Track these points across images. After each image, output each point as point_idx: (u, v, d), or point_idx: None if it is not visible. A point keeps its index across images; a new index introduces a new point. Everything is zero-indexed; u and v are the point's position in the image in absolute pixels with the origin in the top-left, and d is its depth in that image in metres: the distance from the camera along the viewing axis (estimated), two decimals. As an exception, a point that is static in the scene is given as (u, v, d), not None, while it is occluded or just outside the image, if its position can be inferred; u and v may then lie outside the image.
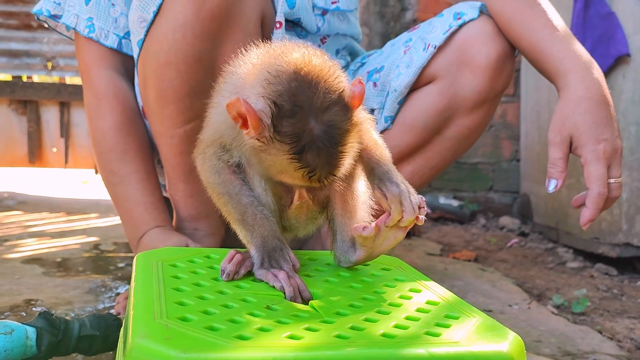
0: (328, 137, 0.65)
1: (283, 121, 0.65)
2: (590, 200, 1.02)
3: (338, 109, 0.66)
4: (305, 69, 0.67)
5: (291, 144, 0.65)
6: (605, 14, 1.87)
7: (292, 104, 0.65)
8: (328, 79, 0.67)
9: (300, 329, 0.59)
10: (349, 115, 0.67)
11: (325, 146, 0.65)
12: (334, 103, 0.66)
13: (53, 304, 1.24)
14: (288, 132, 0.65)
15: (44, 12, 1.22)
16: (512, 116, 2.77)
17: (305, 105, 0.65)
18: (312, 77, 0.66)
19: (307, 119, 0.65)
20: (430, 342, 0.58)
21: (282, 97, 0.65)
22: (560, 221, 2.22)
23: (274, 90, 0.66)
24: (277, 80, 0.66)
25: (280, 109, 0.65)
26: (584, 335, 1.30)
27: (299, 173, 0.67)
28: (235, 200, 0.77)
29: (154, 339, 0.52)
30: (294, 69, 0.67)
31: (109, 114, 1.19)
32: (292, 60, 0.68)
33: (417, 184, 1.32)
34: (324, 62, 0.69)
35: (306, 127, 0.65)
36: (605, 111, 1.05)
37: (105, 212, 2.40)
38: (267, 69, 0.68)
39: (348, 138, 0.67)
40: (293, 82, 0.66)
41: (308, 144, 0.65)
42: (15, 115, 2.92)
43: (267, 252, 0.75)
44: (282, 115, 0.65)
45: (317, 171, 0.67)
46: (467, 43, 1.19)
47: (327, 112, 0.65)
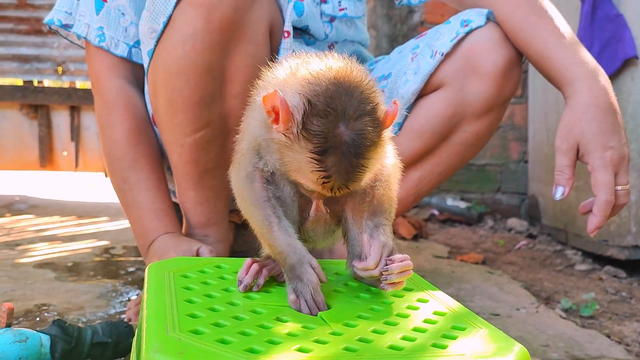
0: (354, 145, 0.66)
1: (314, 119, 0.66)
2: (598, 208, 1.03)
3: (370, 120, 0.67)
4: (346, 76, 0.68)
5: (316, 143, 0.66)
6: (613, 16, 1.86)
7: (326, 105, 0.66)
8: (365, 91, 0.68)
9: (310, 341, 0.60)
10: (378, 129, 0.68)
11: (348, 154, 0.66)
12: (367, 114, 0.67)
13: (65, 309, 1.26)
14: (316, 131, 0.66)
15: (56, 21, 1.24)
16: (520, 117, 2.77)
17: (338, 109, 0.66)
18: (350, 85, 0.67)
19: (338, 122, 0.66)
20: (436, 355, 0.59)
21: (318, 97, 0.66)
22: (569, 223, 2.22)
23: (312, 89, 0.67)
24: (316, 81, 0.68)
25: (313, 107, 0.66)
26: (592, 339, 1.30)
27: (314, 176, 0.68)
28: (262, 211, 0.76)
29: (167, 354, 0.54)
30: (335, 75, 0.68)
31: (119, 122, 1.20)
32: (335, 67, 0.69)
33: (425, 190, 1.33)
34: (364, 75, 0.70)
35: (335, 130, 0.66)
36: (612, 118, 1.05)
37: (116, 215, 2.42)
38: (309, 70, 0.70)
39: (373, 152, 0.68)
40: (331, 86, 0.67)
41: (332, 147, 0.66)
42: (26, 119, 2.95)
43: (289, 268, 0.73)
44: (314, 113, 0.66)
45: (332, 178, 0.67)
46: (474, 50, 1.19)
47: (358, 121, 0.66)
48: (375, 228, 0.76)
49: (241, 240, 1.42)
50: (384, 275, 0.73)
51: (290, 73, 0.72)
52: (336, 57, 0.73)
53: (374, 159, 0.69)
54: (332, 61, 0.71)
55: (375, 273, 0.73)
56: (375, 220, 0.77)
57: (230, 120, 1.12)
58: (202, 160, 1.14)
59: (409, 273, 0.74)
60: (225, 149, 1.14)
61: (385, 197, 0.78)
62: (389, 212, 0.79)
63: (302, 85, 0.68)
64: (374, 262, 0.73)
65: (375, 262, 0.73)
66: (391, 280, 0.73)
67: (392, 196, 0.80)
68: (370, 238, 0.75)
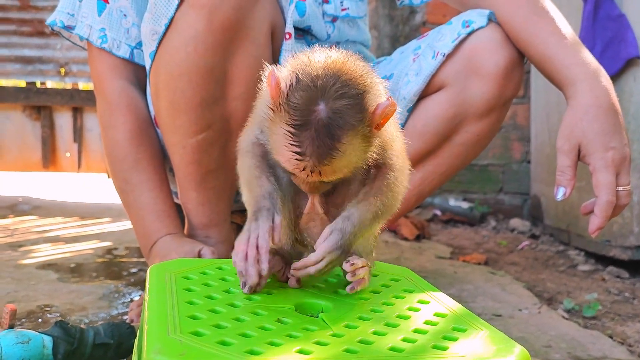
0: (329, 125, 0.66)
1: (296, 93, 0.67)
2: (599, 208, 1.03)
3: (351, 103, 0.67)
4: (339, 64, 0.69)
5: (293, 116, 0.67)
6: (615, 15, 1.86)
7: (310, 81, 0.67)
8: (354, 78, 0.68)
9: (310, 343, 0.60)
10: (360, 115, 0.67)
11: (323, 132, 0.66)
12: (350, 97, 0.67)
13: (68, 310, 1.27)
14: (295, 104, 0.67)
15: (58, 23, 1.24)
16: (522, 117, 2.77)
17: (320, 87, 0.66)
18: (340, 70, 0.68)
19: (318, 99, 0.66)
20: (437, 356, 0.59)
21: (305, 74, 0.68)
22: (572, 223, 2.21)
23: (302, 68, 0.69)
24: (310, 62, 0.69)
25: (298, 82, 0.67)
26: (595, 340, 1.30)
27: (288, 151, 0.68)
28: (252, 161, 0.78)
29: (169, 355, 0.54)
30: (328, 60, 0.69)
31: (121, 123, 1.21)
32: (333, 55, 0.71)
33: (427, 190, 1.33)
34: (361, 67, 0.70)
35: (314, 106, 0.66)
36: (614, 119, 1.05)
37: (118, 216, 2.42)
38: (309, 56, 0.71)
39: (350, 136, 0.67)
40: (321, 69, 0.68)
41: (309, 123, 0.66)
42: (29, 120, 2.96)
43: (254, 211, 0.74)
44: (298, 88, 0.67)
45: (306, 157, 0.67)
46: (475, 51, 1.19)
47: (338, 101, 0.66)
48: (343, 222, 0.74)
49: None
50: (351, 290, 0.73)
51: (295, 58, 0.74)
52: (345, 53, 0.73)
53: (350, 145, 0.67)
54: (337, 54, 0.72)
55: (312, 272, 0.72)
56: (352, 211, 0.75)
57: (232, 122, 1.12)
58: (204, 161, 1.15)
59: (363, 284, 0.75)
60: (227, 150, 1.14)
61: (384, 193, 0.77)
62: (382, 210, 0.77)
63: (298, 65, 0.70)
64: (313, 260, 0.72)
65: (316, 260, 0.72)
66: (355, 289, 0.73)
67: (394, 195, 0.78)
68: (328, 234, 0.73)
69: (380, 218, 0.78)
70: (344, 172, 0.70)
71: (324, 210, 0.79)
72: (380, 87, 0.72)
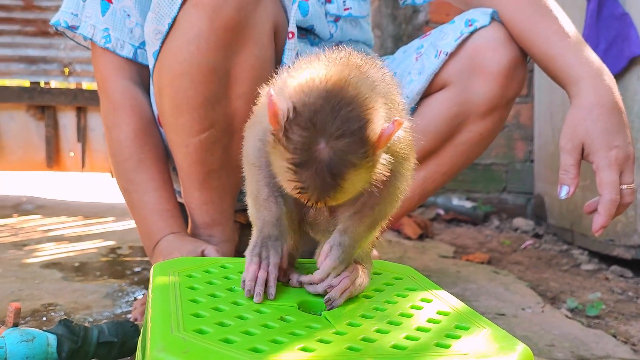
0: (331, 166, 0.63)
1: (295, 129, 0.64)
2: (603, 207, 1.03)
3: (352, 141, 0.63)
4: (339, 90, 0.65)
5: (294, 154, 0.64)
6: (618, 14, 1.86)
7: (309, 117, 0.64)
8: (356, 108, 0.64)
9: (313, 341, 0.61)
10: (363, 150, 0.64)
11: (324, 172, 0.64)
12: (351, 134, 0.63)
13: (72, 309, 1.27)
14: (295, 141, 0.64)
15: (62, 23, 1.24)
16: (526, 117, 2.76)
17: (320, 125, 0.63)
18: (341, 100, 0.64)
19: (318, 138, 0.63)
20: (440, 354, 0.59)
21: (304, 107, 0.64)
22: (575, 222, 2.21)
23: (301, 98, 0.65)
24: (309, 89, 0.65)
25: (297, 116, 0.64)
26: (598, 339, 1.30)
27: (290, 185, 0.67)
28: (261, 175, 0.78)
29: (172, 353, 0.54)
30: (328, 86, 0.65)
31: (125, 124, 1.21)
32: (332, 76, 0.66)
33: (430, 189, 1.33)
34: (363, 89, 0.66)
35: (314, 145, 0.64)
36: (617, 118, 1.05)
37: (121, 215, 2.43)
38: (309, 75, 0.68)
39: (352, 174, 0.65)
40: (320, 99, 0.64)
41: (309, 162, 0.64)
42: (33, 120, 2.97)
43: (262, 237, 0.76)
44: (297, 123, 0.64)
45: (309, 192, 0.66)
46: (478, 50, 1.19)
47: (339, 141, 0.63)
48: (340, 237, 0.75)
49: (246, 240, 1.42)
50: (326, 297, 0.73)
51: (297, 72, 0.71)
52: (344, 63, 0.70)
53: (353, 180, 0.66)
54: (334, 69, 0.68)
55: (319, 290, 0.73)
56: (347, 225, 0.75)
57: (235, 121, 1.12)
58: (207, 160, 1.15)
59: (349, 292, 0.74)
60: (230, 150, 1.14)
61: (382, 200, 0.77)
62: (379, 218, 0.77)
63: (295, 90, 0.66)
64: (319, 278, 0.73)
65: (321, 278, 0.73)
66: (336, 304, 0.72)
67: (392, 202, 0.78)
68: (328, 251, 0.74)
69: (377, 226, 0.79)
70: (350, 197, 0.69)
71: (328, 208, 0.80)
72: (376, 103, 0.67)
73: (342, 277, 0.74)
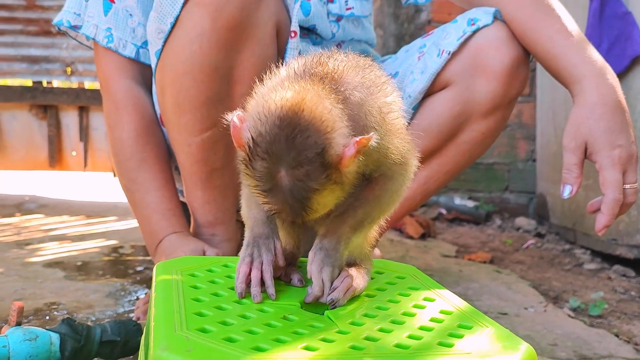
0: (293, 192, 0.64)
1: (257, 159, 0.64)
2: (606, 206, 1.02)
3: (312, 168, 0.63)
4: (294, 117, 0.63)
5: (259, 182, 0.65)
6: (621, 13, 1.85)
7: (266, 150, 0.63)
8: (312, 135, 0.63)
9: (316, 340, 0.61)
10: (324, 175, 0.64)
11: (290, 198, 0.64)
12: (309, 162, 0.63)
13: (75, 308, 1.28)
14: (258, 171, 0.65)
15: (65, 23, 1.25)
16: (528, 116, 2.76)
17: (276, 156, 0.63)
18: (295, 128, 0.63)
19: (278, 167, 0.64)
20: (443, 353, 0.59)
21: (261, 137, 0.64)
22: (578, 222, 2.21)
23: (258, 128, 0.65)
24: (265, 118, 0.65)
25: (256, 146, 0.64)
26: (601, 338, 1.29)
27: (265, 207, 0.68)
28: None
29: (175, 351, 0.54)
30: (282, 114, 0.64)
31: (127, 123, 1.21)
32: (286, 104, 0.64)
33: (433, 189, 1.33)
34: (319, 114, 0.64)
35: (275, 175, 0.64)
36: (620, 117, 1.05)
37: (123, 214, 2.43)
38: (263, 103, 0.66)
39: (317, 197, 0.65)
40: (275, 128, 0.63)
41: (273, 190, 0.65)
42: (35, 120, 2.98)
43: (253, 236, 0.77)
44: (257, 153, 0.64)
45: (282, 214, 0.67)
46: (481, 49, 1.19)
47: (297, 169, 0.63)
48: (320, 241, 0.75)
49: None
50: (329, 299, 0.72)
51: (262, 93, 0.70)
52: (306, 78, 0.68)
53: (321, 200, 0.66)
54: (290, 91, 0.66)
55: (324, 301, 0.73)
56: (327, 228, 0.75)
57: None
58: (209, 159, 1.15)
59: (352, 290, 0.74)
60: (232, 149, 1.13)
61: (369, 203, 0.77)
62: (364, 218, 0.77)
63: (253, 118, 0.66)
64: (318, 289, 0.72)
65: (320, 288, 0.72)
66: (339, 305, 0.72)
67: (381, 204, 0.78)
68: (312, 258, 0.74)
69: (365, 227, 0.78)
70: (324, 212, 0.70)
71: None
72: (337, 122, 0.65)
73: (343, 276, 0.74)
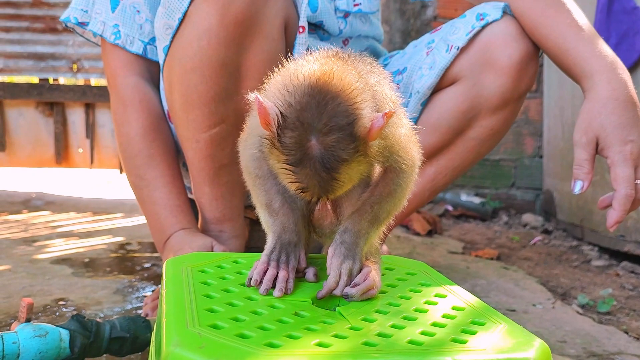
0: (323, 161, 0.64)
1: (286, 132, 0.65)
2: (617, 202, 1.02)
3: (342, 136, 0.64)
4: (323, 86, 0.65)
5: (288, 156, 0.65)
6: (630, 8, 1.84)
7: (296, 118, 0.64)
8: (342, 102, 0.65)
9: (329, 336, 0.60)
10: (353, 145, 0.65)
11: (320, 168, 0.65)
12: (339, 129, 0.64)
13: (83, 304, 1.28)
14: (288, 143, 0.65)
15: (72, 19, 1.24)
16: (535, 112, 2.75)
17: (306, 123, 0.64)
18: (325, 96, 0.64)
19: (308, 136, 0.64)
20: (456, 350, 0.59)
21: (290, 109, 0.65)
22: (585, 218, 2.20)
23: (286, 100, 0.65)
24: (293, 90, 0.66)
25: (285, 119, 0.65)
26: (610, 335, 1.29)
27: (292, 186, 0.68)
28: (269, 185, 0.79)
29: (188, 348, 0.54)
30: (311, 84, 0.65)
31: (135, 119, 1.21)
32: (315, 74, 0.66)
33: (441, 185, 1.32)
34: (348, 83, 0.66)
35: (305, 144, 0.64)
36: (632, 112, 1.04)
37: (130, 211, 2.44)
38: (291, 76, 0.68)
39: (345, 168, 0.65)
40: (305, 97, 0.65)
41: (304, 161, 0.65)
42: (42, 117, 2.98)
43: (281, 243, 0.77)
44: (286, 126, 0.65)
45: (309, 189, 0.67)
46: (490, 44, 1.18)
47: (328, 136, 0.64)
48: (341, 236, 0.75)
49: (256, 235, 1.43)
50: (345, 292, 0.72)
51: (283, 74, 0.70)
52: (326, 60, 0.70)
53: (348, 173, 0.66)
54: (316, 65, 0.68)
55: (337, 292, 0.72)
56: (347, 224, 0.75)
57: (246, 116, 1.12)
58: (217, 156, 1.15)
59: (373, 292, 0.73)
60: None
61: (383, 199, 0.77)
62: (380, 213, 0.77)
63: (279, 92, 0.67)
64: (332, 282, 0.72)
65: (335, 280, 0.72)
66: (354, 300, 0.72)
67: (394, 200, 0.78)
68: (333, 252, 0.74)
69: (381, 222, 0.78)
70: (348, 188, 0.70)
71: (331, 205, 0.81)
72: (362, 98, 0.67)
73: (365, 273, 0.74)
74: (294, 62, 0.72)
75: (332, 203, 0.81)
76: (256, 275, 0.73)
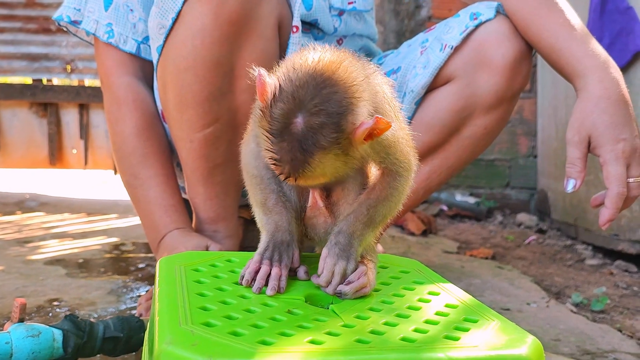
0: (301, 141, 0.64)
1: (278, 103, 0.66)
2: (610, 200, 1.02)
3: (327, 122, 0.64)
4: (327, 72, 0.66)
5: (272, 126, 0.66)
6: (623, 8, 1.85)
7: (291, 93, 0.65)
8: (340, 92, 0.65)
9: (321, 334, 0.60)
10: (335, 135, 0.64)
11: (295, 147, 0.65)
12: (328, 115, 0.64)
13: (77, 305, 1.27)
14: (276, 114, 0.66)
15: (65, 18, 1.24)
16: (529, 112, 2.76)
17: (298, 100, 0.65)
18: (325, 80, 0.65)
19: (296, 112, 0.65)
20: (449, 347, 0.59)
21: (289, 83, 0.66)
22: (579, 217, 2.20)
23: (289, 76, 0.67)
24: (299, 67, 0.67)
25: (281, 92, 0.66)
26: (604, 333, 1.29)
27: (267, 155, 0.68)
28: (265, 183, 0.79)
29: (181, 345, 0.54)
30: (316, 67, 0.66)
31: (129, 118, 1.21)
32: (324, 59, 0.67)
33: (435, 184, 1.32)
34: (352, 77, 0.67)
35: (291, 118, 0.65)
36: (624, 111, 1.04)
37: (124, 212, 2.43)
38: (304, 55, 0.69)
39: (321, 155, 0.65)
40: (306, 77, 0.66)
41: (284, 134, 0.65)
42: (35, 117, 2.97)
43: (274, 242, 0.76)
44: (280, 98, 0.66)
45: (280, 164, 0.67)
46: (483, 43, 1.19)
47: (314, 117, 0.64)
48: (335, 237, 0.75)
49: (251, 235, 1.42)
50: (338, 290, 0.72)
51: (290, 58, 0.72)
52: (339, 52, 0.70)
53: (322, 162, 0.66)
54: (328, 54, 0.69)
55: (329, 292, 0.73)
56: (341, 225, 0.75)
57: (240, 116, 1.12)
58: (211, 155, 1.14)
59: (366, 290, 0.74)
60: (235, 144, 1.13)
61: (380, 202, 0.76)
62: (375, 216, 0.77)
63: (286, 69, 0.68)
64: (324, 281, 0.72)
65: (326, 280, 0.72)
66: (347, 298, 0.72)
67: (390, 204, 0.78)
68: (327, 253, 0.74)
69: (376, 224, 0.78)
70: (322, 180, 0.70)
71: (325, 205, 0.81)
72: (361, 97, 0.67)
73: (360, 272, 0.74)
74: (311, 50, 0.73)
75: (324, 201, 0.81)
76: (248, 275, 0.73)
